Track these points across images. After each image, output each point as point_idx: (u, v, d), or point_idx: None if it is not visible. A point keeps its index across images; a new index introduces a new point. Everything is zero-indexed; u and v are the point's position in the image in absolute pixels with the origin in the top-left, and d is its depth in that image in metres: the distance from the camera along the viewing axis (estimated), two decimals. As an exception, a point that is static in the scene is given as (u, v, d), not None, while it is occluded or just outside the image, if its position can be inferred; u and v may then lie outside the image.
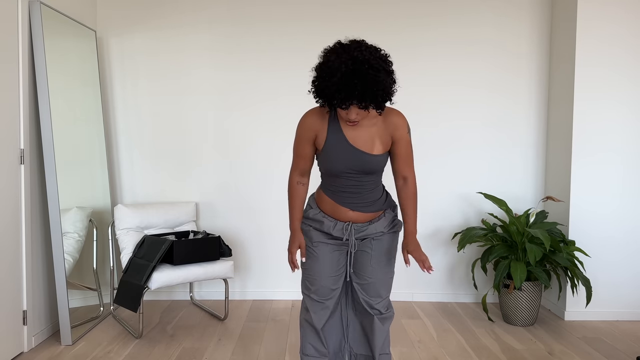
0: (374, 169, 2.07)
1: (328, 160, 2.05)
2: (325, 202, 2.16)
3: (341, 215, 2.14)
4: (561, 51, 3.79)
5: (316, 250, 2.18)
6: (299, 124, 2.10)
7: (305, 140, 2.09)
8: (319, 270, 2.18)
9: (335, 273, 2.20)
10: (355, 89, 1.78)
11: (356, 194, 2.11)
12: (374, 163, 2.05)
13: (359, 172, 2.06)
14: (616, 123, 3.63)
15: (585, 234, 3.67)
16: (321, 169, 2.15)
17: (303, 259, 2.21)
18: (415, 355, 3.03)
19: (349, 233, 2.14)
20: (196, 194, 4.06)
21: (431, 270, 2.09)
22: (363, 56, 1.80)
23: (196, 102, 4.02)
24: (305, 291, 2.24)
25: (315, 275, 2.19)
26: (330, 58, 1.83)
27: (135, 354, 3.02)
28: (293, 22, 3.95)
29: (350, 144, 2.02)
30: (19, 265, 2.98)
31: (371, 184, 2.12)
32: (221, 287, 4.05)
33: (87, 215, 3.53)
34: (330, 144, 2.04)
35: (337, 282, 2.21)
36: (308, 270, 2.21)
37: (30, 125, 3.08)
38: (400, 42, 3.98)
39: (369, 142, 2.03)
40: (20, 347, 3.00)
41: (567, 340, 3.28)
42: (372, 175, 2.10)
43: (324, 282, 2.18)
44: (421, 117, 4.01)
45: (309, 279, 2.21)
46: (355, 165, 2.04)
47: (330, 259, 2.18)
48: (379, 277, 2.19)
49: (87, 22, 3.78)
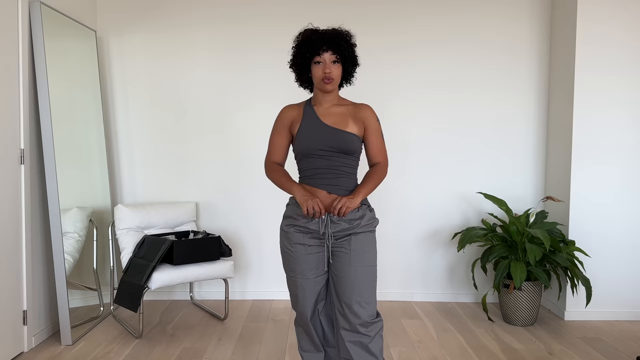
0: (347, 147, 2.16)
1: (303, 139, 2.18)
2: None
3: None
4: (561, 52, 3.79)
5: (294, 251, 2.21)
6: (278, 115, 2.29)
7: (281, 128, 2.26)
8: (299, 270, 2.21)
9: (315, 274, 2.22)
10: (326, 33, 2.13)
11: (331, 175, 2.17)
12: (348, 139, 2.16)
13: (333, 148, 2.15)
14: (616, 124, 3.63)
15: (585, 234, 3.67)
16: (297, 155, 2.23)
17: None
18: (415, 355, 3.03)
19: (326, 225, 2.15)
20: (196, 194, 4.07)
21: (336, 213, 2.08)
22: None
23: (196, 101, 4.02)
24: (289, 287, 2.30)
25: (297, 275, 2.23)
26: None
27: (135, 354, 3.02)
28: (293, 21, 3.94)
29: (324, 123, 2.18)
30: (19, 265, 2.98)
31: (346, 167, 2.19)
32: (221, 287, 4.05)
33: (87, 215, 3.53)
34: (304, 125, 2.20)
35: (318, 282, 2.23)
36: (288, 270, 2.26)
37: (30, 125, 3.08)
38: (400, 42, 3.98)
39: (343, 122, 2.19)
40: (20, 347, 3.00)
41: (567, 340, 3.28)
42: (346, 156, 2.17)
43: (304, 282, 2.22)
44: (421, 117, 4.01)
45: (291, 278, 2.26)
46: (329, 141, 2.15)
47: (307, 260, 2.20)
48: (358, 277, 2.14)
49: (87, 22, 3.79)
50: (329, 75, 2.13)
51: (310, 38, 2.14)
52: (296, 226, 2.20)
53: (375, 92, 3.99)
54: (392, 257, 4.07)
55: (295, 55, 2.21)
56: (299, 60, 2.19)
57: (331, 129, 2.17)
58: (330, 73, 2.13)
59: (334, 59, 2.14)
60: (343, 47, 2.14)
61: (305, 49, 2.14)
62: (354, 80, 2.29)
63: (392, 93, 3.99)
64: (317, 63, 2.14)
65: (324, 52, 2.12)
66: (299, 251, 2.20)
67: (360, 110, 2.23)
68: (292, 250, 2.22)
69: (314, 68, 2.16)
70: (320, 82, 2.15)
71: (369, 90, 3.97)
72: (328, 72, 2.13)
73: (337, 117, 2.20)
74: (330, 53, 2.13)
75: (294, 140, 2.24)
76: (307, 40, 2.14)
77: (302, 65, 2.19)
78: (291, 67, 2.24)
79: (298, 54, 2.18)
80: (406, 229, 4.06)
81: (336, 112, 2.21)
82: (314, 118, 2.20)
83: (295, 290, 2.26)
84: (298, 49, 2.18)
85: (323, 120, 2.19)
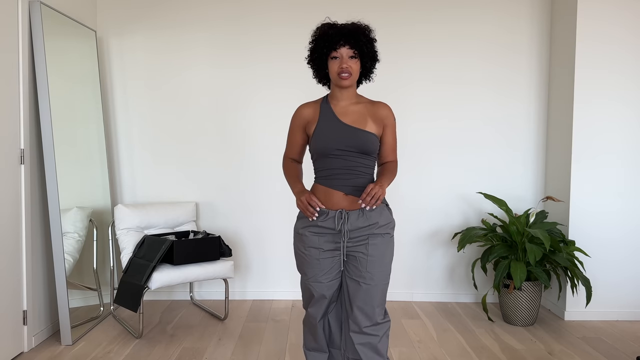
0: (367, 147, 2.09)
1: (320, 139, 2.11)
2: (318, 192, 2.15)
3: (334, 202, 2.10)
4: (561, 51, 3.79)
5: (307, 255, 2.16)
6: (293, 114, 2.22)
7: (297, 127, 2.21)
8: (312, 274, 2.17)
9: (328, 279, 2.16)
10: (344, 27, 2.06)
11: (348, 176, 2.10)
12: (366, 139, 2.09)
13: (352, 148, 2.08)
14: (616, 123, 3.63)
15: (585, 234, 3.67)
16: (313, 155, 2.17)
17: (318, 208, 2.11)
18: (415, 355, 3.03)
19: (342, 223, 2.09)
20: (196, 194, 4.07)
21: (367, 204, 1.98)
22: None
23: (196, 101, 4.02)
24: (302, 288, 2.26)
25: (309, 280, 2.18)
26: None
27: (135, 354, 3.02)
28: (293, 20, 3.95)
29: (342, 121, 2.11)
30: (19, 265, 2.98)
31: (363, 168, 2.12)
32: (221, 287, 4.05)
33: (87, 215, 3.53)
34: (321, 124, 2.13)
35: (331, 287, 2.19)
36: (302, 273, 2.22)
37: (30, 125, 3.08)
38: (400, 40, 3.98)
39: (361, 121, 2.12)
40: (20, 347, 3.00)
41: (567, 340, 3.28)
42: (364, 156, 2.10)
43: (317, 286, 2.18)
44: (421, 116, 4.01)
45: (304, 280, 2.22)
46: (347, 141, 2.08)
47: (321, 265, 2.15)
48: (374, 284, 2.11)
49: (87, 22, 3.78)
50: (346, 69, 2.06)
51: (327, 32, 2.07)
52: (311, 227, 2.13)
53: (374, 90, 3.99)
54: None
55: (312, 51, 2.13)
56: (315, 55, 2.12)
57: (350, 128, 2.09)
58: (348, 68, 2.06)
59: (351, 53, 2.06)
60: (361, 41, 2.07)
61: (322, 44, 2.07)
62: (373, 77, 2.22)
63: (391, 91, 3.99)
64: (334, 58, 2.07)
65: (341, 46, 2.05)
66: (313, 255, 2.14)
67: (379, 108, 2.16)
68: (305, 254, 2.16)
69: (331, 63, 2.09)
70: (337, 78, 2.08)
71: (368, 89, 3.97)
72: (345, 67, 2.05)
73: (356, 115, 2.13)
74: (348, 47, 2.06)
75: (310, 139, 2.17)
76: (324, 35, 2.07)
77: (319, 60, 2.13)
78: (308, 63, 2.18)
79: (315, 49, 2.11)
80: (406, 229, 4.06)
81: (354, 111, 2.14)
82: (332, 116, 2.13)
83: (307, 293, 2.22)
84: (315, 43, 2.11)
85: (341, 118, 2.11)
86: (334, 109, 2.14)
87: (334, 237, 2.12)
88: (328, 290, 2.18)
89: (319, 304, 2.21)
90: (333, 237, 2.12)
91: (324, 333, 2.32)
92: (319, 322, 2.26)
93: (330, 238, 2.12)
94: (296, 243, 2.20)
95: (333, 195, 2.10)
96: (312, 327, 2.29)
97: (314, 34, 2.13)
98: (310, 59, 2.15)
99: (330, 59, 2.08)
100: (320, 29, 2.11)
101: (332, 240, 2.13)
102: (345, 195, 2.10)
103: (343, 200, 2.10)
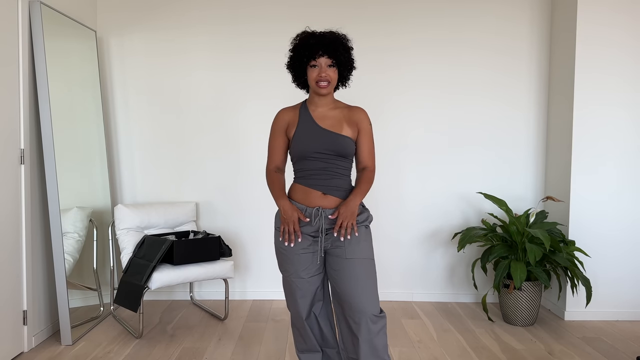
0: (343, 150, 2.19)
1: (299, 142, 2.21)
2: (297, 190, 2.25)
3: (312, 201, 2.20)
4: (561, 52, 3.79)
5: (287, 250, 2.23)
6: (274, 119, 2.32)
7: (278, 132, 2.28)
8: (292, 270, 2.23)
9: (309, 274, 2.22)
10: (323, 37, 2.14)
11: (326, 177, 2.19)
12: (343, 142, 2.19)
13: (329, 151, 2.19)
14: (616, 123, 3.63)
15: (585, 234, 3.67)
16: (293, 158, 2.26)
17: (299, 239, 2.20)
18: (415, 355, 3.03)
19: (319, 218, 2.18)
20: (196, 194, 4.07)
21: (344, 236, 2.15)
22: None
23: (196, 102, 4.02)
24: (284, 287, 2.31)
25: (291, 275, 2.23)
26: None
27: (135, 354, 3.02)
28: (291, 22, 3.95)
29: (319, 126, 2.21)
30: (19, 265, 2.98)
31: (340, 169, 2.22)
32: (221, 287, 4.05)
33: (87, 215, 3.53)
34: (300, 128, 2.22)
35: (313, 282, 2.23)
36: (283, 269, 2.28)
37: (30, 125, 3.08)
38: (399, 42, 3.98)
39: (338, 125, 2.22)
40: (20, 347, 3.00)
41: (567, 340, 3.28)
42: (341, 158, 2.21)
43: (298, 282, 2.22)
44: (421, 117, 4.01)
45: (286, 277, 2.27)
46: (324, 144, 2.18)
47: (300, 260, 2.21)
48: (356, 270, 2.15)
49: (87, 23, 3.79)
50: (324, 78, 2.16)
51: (307, 42, 2.16)
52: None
53: (374, 92, 3.99)
54: (392, 257, 4.07)
55: (292, 58, 2.23)
56: (295, 62, 2.21)
57: (327, 132, 2.19)
58: (326, 76, 2.16)
59: (329, 62, 2.16)
60: (339, 51, 2.16)
61: (302, 53, 2.17)
62: (349, 84, 2.32)
63: (391, 93, 3.99)
64: (313, 66, 2.17)
65: (320, 56, 2.15)
66: (292, 250, 2.21)
67: (354, 113, 2.26)
68: (284, 249, 2.23)
69: (310, 71, 2.18)
70: (315, 86, 2.18)
71: (367, 90, 3.97)
72: (323, 76, 2.15)
73: (333, 120, 2.23)
74: (327, 57, 2.15)
75: (291, 143, 2.26)
76: (304, 44, 2.16)
77: (298, 67, 2.22)
78: (288, 69, 2.27)
79: (295, 56, 2.21)
80: (406, 229, 4.06)
81: (332, 115, 2.24)
82: (310, 121, 2.22)
83: (290, 290, 2.27)
84: (295, 52, 2.21)
85: (319, 123, 2.22)
86: (312, 114, 2.24)
87: (311, 231, 2.21)
88: (310, 286, 2.24)
89: (302, 300, 2.26)
90: (311, 231, 2.21)
91: (314, 333, 2.34)
92: (305, 320, 2.29)
93: (308, 230, 2.21)
94: (276, 240, 2.28)
95: (311, 193, 2.20)
96: (300, 326, 2.33)
97: (294, 42, 2.22)
98: (290, 65, 2.25)
99: (310, 67, 2.18)
100: (300, 37, 2.20)
101: (310, 234, 2.21)
102: (323, 194, 2.20)
103: (320, 199, 2.19)
